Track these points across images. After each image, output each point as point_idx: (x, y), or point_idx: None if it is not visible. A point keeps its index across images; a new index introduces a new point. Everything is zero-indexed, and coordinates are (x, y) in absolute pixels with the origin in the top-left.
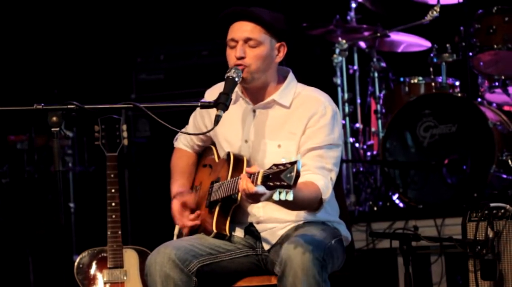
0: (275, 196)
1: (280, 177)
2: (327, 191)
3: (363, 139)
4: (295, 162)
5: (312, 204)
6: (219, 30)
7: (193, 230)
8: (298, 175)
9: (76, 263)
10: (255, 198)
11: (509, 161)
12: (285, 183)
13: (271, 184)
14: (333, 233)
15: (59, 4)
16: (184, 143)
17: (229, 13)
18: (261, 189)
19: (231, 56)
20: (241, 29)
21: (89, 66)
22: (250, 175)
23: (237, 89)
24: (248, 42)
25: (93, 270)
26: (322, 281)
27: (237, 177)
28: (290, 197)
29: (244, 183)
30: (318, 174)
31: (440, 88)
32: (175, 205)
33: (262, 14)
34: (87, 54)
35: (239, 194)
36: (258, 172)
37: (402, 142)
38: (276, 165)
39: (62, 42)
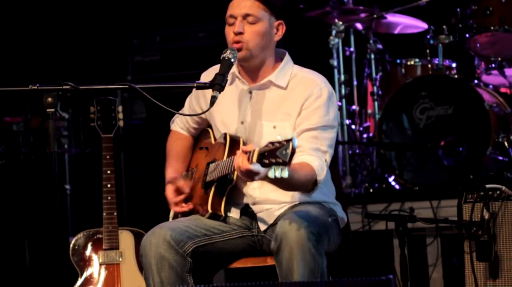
0: (271, 173)
1: (275, 154)
2: (322, 172)
3: (359, 121)
4: (290, 139)
5: (307, 184)
6: (218, 7)
7: (188, 212)
8: (293, 152)
9: (71, 245)
10: (251, 175)
11: (505, 143)
12: (281, 160)
13: (267, 161)
14: (329, 212)
15: None
16: (180, 125)
17: None
18: (256, 166)
19: (230, 33)
20: (240, 5)
21: (85, 48)
22: (246, 153)
23: (234, 69)
24: (246, 18)
25: (88, 251)
26: (318, 256)
27: (232, 157)
28: (285, 174)
29: (240, 160)
30: (313, 155)
31: (437, 70)
32: (169, 190)
33: None
34: (83, 36)
35: (235, 174)
36: (254, 150)
37: (399, 124)
38: (272, 143)
39: (57, 24)
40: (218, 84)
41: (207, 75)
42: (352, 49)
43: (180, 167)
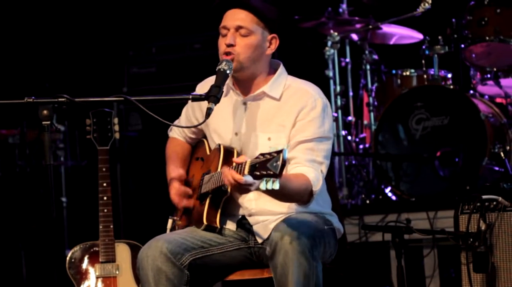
0: (262, 185)
1: (266, 166)
2: (317, 183)
3: (356, 132)
4: (281, 151)
5: (303, 196)
6: (213, 18)
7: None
8: (284, 163)
9: (68, 258)
10: (244, 188)
11: (501, 153)
12: (271, 172)
13: (258, 173)
14: (325, 221)
15: None
16: (178, 133)
17: (223, 0)
18: (248, 179)
19: (222, 44)
20: (234, 17)
21: (81, 60)
22: (237, 165)
23: (228, 81)
24: (239, 31)
25: (85, 264)
26: (313, 259)
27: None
28: (276, 186)
29: (230, 175)
30: (309, 167)
31: (432, 80)
32: (175, 186)
33: (256, 4)
34: (78, 48)
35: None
36: (245, 162)
37: (395, 135)
38: (263, 155)
39: (53, 35)
40: (213, 96)
41: (203, 86)
42: (347, 59)
43: (181, 167)
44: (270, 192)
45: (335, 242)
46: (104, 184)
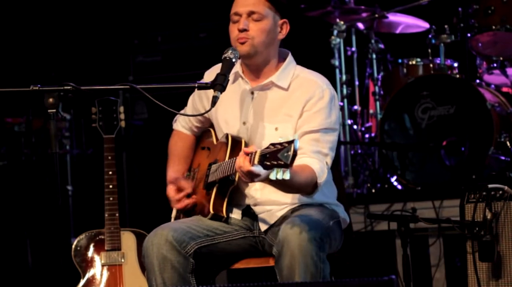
0: (272, 175)
1: (277, 156)
2: (322, 175)
3: (361, 121)
4: (292, 141)
5: (307, 187)
6: (220, 7)
7: (189, 211)
8: (295, 154)
9: (73, 246)
10: (252, 177)
11: (507, 142)
12: (282, 162)
13: (268, 163)
14: (331, 215)
15: None
16: (183, 124)
17: None
18: (257, 168)
19: (234, 30)
20: (245, 3)
21: (86, 49)
22: (247, 154)
23: (238, 69)
24: (251, 16)
25: (90, 252)
26: (320, 261)
27: (234, 158)
28: (286, 176)
29: (241, 161)
30: (314, 158)
31: (439, 69)
32: (170, 189)
33: None
34: (84, 37)
35: (237, 175)
36: (255, 152)
37: (400, 124)
38: (273, 145)
39: (59, 24)
40: (219, 85)
41: (210, 74)
42: (353, 49)
43: (182, 168)
44: (277, 183)
45: (341, 234)
46: (110, 173)
